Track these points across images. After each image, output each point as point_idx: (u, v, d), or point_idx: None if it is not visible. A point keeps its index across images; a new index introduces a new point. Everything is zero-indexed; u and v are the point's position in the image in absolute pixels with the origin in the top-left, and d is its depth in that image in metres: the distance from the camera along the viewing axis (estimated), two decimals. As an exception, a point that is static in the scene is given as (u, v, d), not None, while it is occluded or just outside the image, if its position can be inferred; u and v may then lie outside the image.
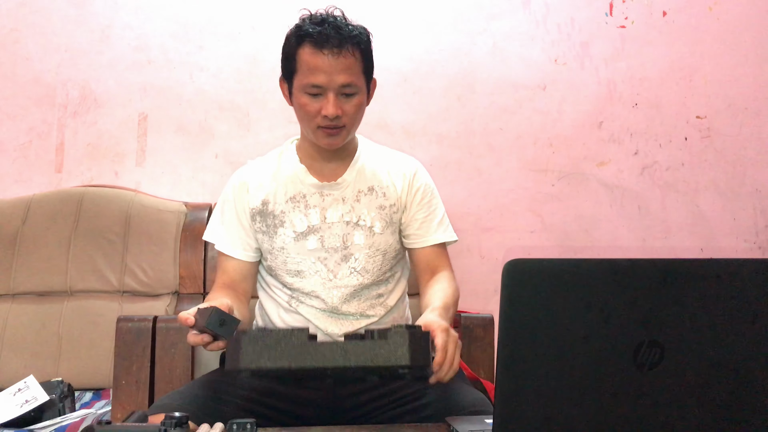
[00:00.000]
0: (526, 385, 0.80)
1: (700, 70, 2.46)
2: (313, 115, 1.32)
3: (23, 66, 2.19)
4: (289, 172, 1.42)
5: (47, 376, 1.69)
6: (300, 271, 1.38)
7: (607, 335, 0.80)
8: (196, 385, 1.25)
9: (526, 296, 0.79)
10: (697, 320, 0.82)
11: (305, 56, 1.31)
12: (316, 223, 1.39)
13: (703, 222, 2.44)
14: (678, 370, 0.82)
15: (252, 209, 1.41)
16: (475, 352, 1.59)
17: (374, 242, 1.40)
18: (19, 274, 1.91)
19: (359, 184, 1.42)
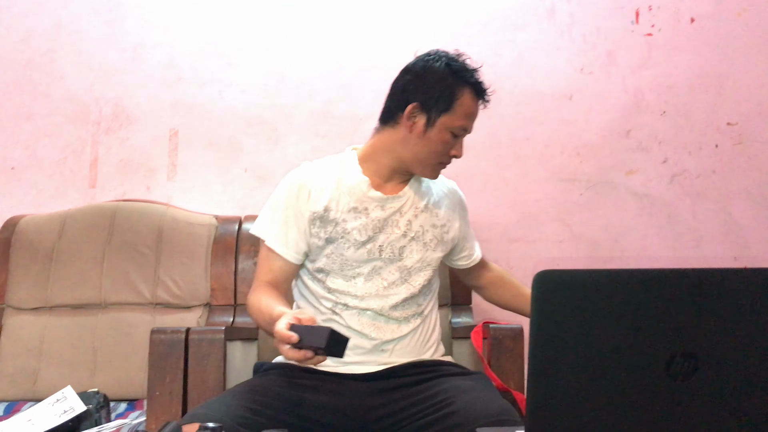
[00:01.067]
0: (557, 396, 0.80)
1: (730, 76, 2.43)
2: (444, 153, 1.43)
3: (58, 85, 2.25)
4: (352, 182, 1.44)
5: (83, 387, 1.72)
6: (355, 276, 1.41)
7: (639, 346, 0.79)
8: (230, 395, 1.26)
9: (556, 307, 0.79)
10: (731, 330, 0.81)
11: (467, 101, 1.41)
12: (375, 234, 1.42)
13: (736, 230, 2.40)
14: (712, 381, 0.81)
15: (313, 213, 1.42)
16: (504, 363, 1.58)
17: (426, 257, 1.46)
18: (55, 287, 1.95)
19: (417, 201, 1.48)
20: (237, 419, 1.17)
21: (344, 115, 2.31)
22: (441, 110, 1.39)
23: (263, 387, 1.31)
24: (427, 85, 1.40)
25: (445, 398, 1.27)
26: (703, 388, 0.81)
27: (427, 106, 1.40)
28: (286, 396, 1.29)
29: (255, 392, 1.28)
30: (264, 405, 1.24)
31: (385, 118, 1.46)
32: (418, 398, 1.31)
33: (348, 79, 2.32)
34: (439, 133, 1.40)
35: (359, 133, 2.30)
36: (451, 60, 1.42)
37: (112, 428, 1.52)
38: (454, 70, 1.41)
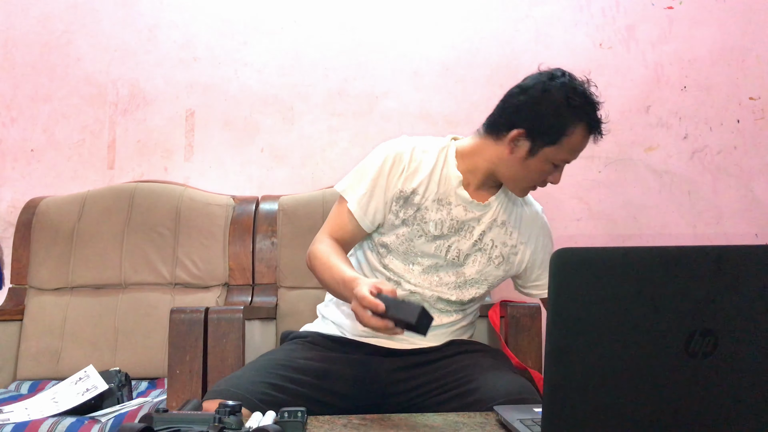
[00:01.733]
0: (575, 374, 0.80)
1: (752, 50, 2.38)
2: (538, 179, 1.39)
3: (75, 66, 2.26)
4: (445, 173, 1.41)
5: (105, 366, 1.75)
6: (414, 264, 1.41)
7: (658, 324, 0.79)
8: (254, 370, 1.27)
9: (575, 285, 0.78)
10: (751, 308, 0.80)
11: (577, 137, 1.35)
12: (449, 233, 1.41)
13: (757, 207, 2.37)
14: (732, 359, 0.80)
15: (400, 191, 1.40)
16: (522, 342, 1.58)
17: (488, 271, 1.45)
18: (76, 267, 1.98)
19: (498, 215, 1.44)
20: (259, 396, 1.18)
21: (360, 94, 2.30)
22: (546, 142, 1.34)
23: (288, 359, 1.32)
24: (539, 114, 1.34)
25: (465, 375, 1.28)
26: (722, 366, 0.80)
27: (532, 135, 1.34)
28: (311, 368, 1.30)
29: (279, 366, 1.29)
30: (288, 380, 1.25)
31: (491, 128, 1.41)
32: (439, 374, 1.32)
33: (364, 57, 2.30)
34: (539, 163, 1.36)
35: (375, 112, 2.30)
36: (572, 90, 1.34)
37: (134, 406, 1.54)
38: (572, 104, 1.33)
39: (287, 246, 1.99)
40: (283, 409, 1.01)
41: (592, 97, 1.37)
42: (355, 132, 2.29)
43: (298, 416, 1.00)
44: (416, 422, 1.05)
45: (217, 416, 0.85)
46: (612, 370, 0.80)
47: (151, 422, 0.82)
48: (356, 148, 2.28)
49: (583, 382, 0.80)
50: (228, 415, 0.87)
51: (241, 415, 0.88)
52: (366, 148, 2.27)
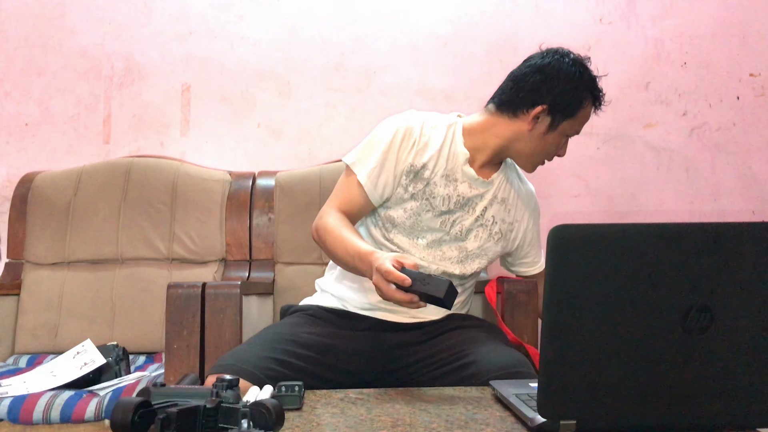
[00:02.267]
0: (571, 349, 0.80)
1: (753, 25, 2.36)
2: (551, 152, 1.46)
3: (69, 40, 2.23)
4: (453, 149, 1.43)
5: (103, 340, 1.75)
6: (419, 239, 1.43)
7: (654, 300, 0.79)
8: (258, 345, 1.28)
9: (572, 261, 0.78)
10: (747, 284, 0.80)
11: (588, 109, 1.44)
12: (455, 208, 1.43)
13: (754, 184, 2.37)
14: (728, 334, 0.81)
15: (411, 165, 1.41)
16: (518, 318, 1.59)
17: (488, 246, 1.47)
18: (73, 242, 1.98)
19: (500, 192, 1.48)
20: (264, 371, 1.19)
21: (358, 69, 2.28)
22: (566, 116, 1.41)
23: (292, 334, 1.33)
24: (558, 89, 1.40)
25: (462, 349, 1.30)
26: (718, 341, 0.80)
27: (554, 110, 1.40)
28: (314, 343, 1.31)
29: (284, 341, 1.30)
30: (292, 355, 1.26)
31: (505, 106, 1.43)
32: (436, 349, 1.34)
33: (361, 31, 2.28)
34: (557, 136, 1.43)
35: (373, 86, 2.28)
36: (582, 66, 1.43)
37: (132, 380, 1.55)
38: (585, 78, 1.42)
39: (284, 222, 1.99)
40: (281, 383, 1.01)
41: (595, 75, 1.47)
42: (353, 107, 2.27)
43: (296, 390, 1.00)
44: (412, 397, 1.06)
45: (215, 390, 0.85)
46: (608, 346, 0.80)
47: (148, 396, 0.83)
48: (353, 123, 2.27)
49: (579, 357, 0.81)
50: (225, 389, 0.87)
51: (239, 389, 0.89)
52: (363, 124, 2.26)
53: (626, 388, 0.82)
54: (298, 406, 0.99)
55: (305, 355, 1.28)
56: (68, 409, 1.41)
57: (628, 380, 0.82)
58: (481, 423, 0.91)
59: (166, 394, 0.84)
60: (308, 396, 1.05)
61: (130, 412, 0.77)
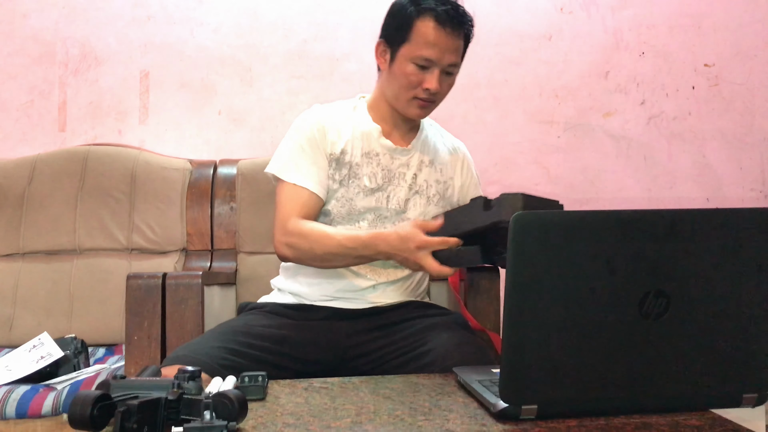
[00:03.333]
0: (532, 335, 0.82)
1: (708, 16, 2.41)
2: (413, 86, 1.36)
3: (21, 23, 2.16)
4: (364, 128, 1.44)
5: (60, 333, 1.71)
6: (360, 221, 1.42)
7: (612, 286, 0.81)
8: (212, 337, 1.27)
9: (532, 249, 0.79)
10: (702, 270, 0.82)
11: (424, 29, 1.33)
12: (384, 183, 1.42)
13: (709, 172, 2.43)
14: (684, 319, 0.83)
15: (330, 154, 1.41)
16: (481, 304, 1.60)
17: (429, 211, 1.46)
18: (27, 233, 1.92)
19: (424, 155, 1.48)
20: (219, 360, 1.18)
21: (321, 56, 2.26)
22: (399, 41, 1.36)
23: (246, 326, 1.32)
24: (389, 18, 1.40)
25: (422, 337, 1.31)
26: (674, 326, 0.83)
27: (389, 40, 1.38)
28: (268, 335, 1.31)
29: (237, 333, 1.29)
30: (246, 345, 1.25)
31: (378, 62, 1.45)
32: (396, 337, 1.34)
33: (324, 18, 2.26)
34: (400, 65, 1.36)
35: (336, 74, 2.26)
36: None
37: (91, 373, 1.52)
38: (416, 1, 1.35)
39: (246, 211, 1.96)
40: (244, 373, 1.01)
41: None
42: (316, 95, 2.25)
43: (259, 380, 1.00)
44: (377, 385, 1.06)
45: (176, 382, 0.84)
46: (568, 331, 0.82)
47: (108, 389, 0.81)
48: (316, 111, 2.25)
49: (540, 342, 0.82)
50: (187, 380, 0.86)
51: (201, 380, 0.88)
52: (326, 112, 2.24)
53: (586, 372, 0.84)
54: (262, 396, 0.98)
55: (260, 345, 1.27)
56: (24, 404, 1.38)
57: (587, 364, 0.83)
58: (445, 409, 0.92)
59: (126, 386, 0.82)
60: (272, 386, 1.05)
61: (89, 405, 0.76)
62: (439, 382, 1.07)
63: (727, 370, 0.86)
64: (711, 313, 0.83)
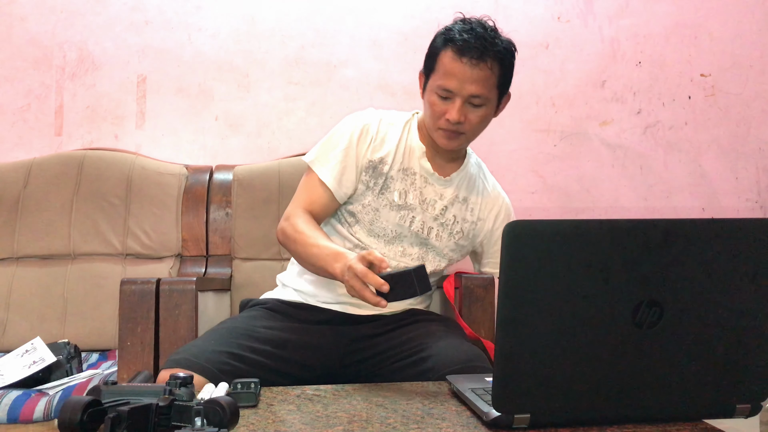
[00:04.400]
0: (525, 343, 0.81)
1: (705, 27, 2.42)
2: (438, 116, 1.37)
3: (19, 27, 2.16)
4: (410, 144, 1.45)
5: (53, 338, 1.71)
6: (380, 235, 1.43)
7: (606, 295, 0.80)
8: (213, 340, 1.26)
9: (526, 257, 0.79)
10: (696, 280, 0.82)
11: (445, 60, 1.35)
12: (413, 204, 1.43)
13: (705, 182, 2.43)
14: (677, 329, 0.82)
15: (370, 161, 1.42)
16: (475, 312, 1.60)
17: (447, 245, 1.48)
18: (22, 237, 1.92)
19: (460, 190, 1.48)
20: (219, 365, 1.18)
21: (318, 62, 2.26)
22: (429, 71, 1.39)
23: (249, 328, 1.32)
24: (428, 51, 1.42)
25: (419, 343, 1.30)
26: (667, 336, 0.82)
27: (425, 69, 1.42)
28: (270, 337, 1.30)
29: (240, 335, 1.28)
30: (246, 349, 1.25)
31: None
32: (394, 343, 1.34)
33: (322, 25, 2.26)
34: (428, 95, 1.39)
35: (333, 81, 2.26)
36: (456, 21, 1.40)
37: (83, 378, 1.52)
38: (444, 30, 1.38)
39: (242, 217, 1.96)
40: (236, 380, 1.00)
41: (468, 25, 1.38)
42: (312, 101, 2.25)
43: (251, 387, 0.99)
44: (369, 392, 1.05)
45: (168, 388, 0.84)
46: (561, 340, 0.81)
47: (99, 395, 0.81)
48: (313, 117, 2.25)
49: (533, 351, 0.82)
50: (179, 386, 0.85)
51: (193, 386, 0.87)
52: (323, 118, 2.25)
53: (579, 381, 0.83)
54: (254, 403, 0.98)
55: (261, 349, 1.27)
56: (16, 409, 1.37)
57: (580, 373, 0.83)
58: (437, 418, 0.92)
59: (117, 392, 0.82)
60: (264, 393, 1.05)
61: (78, 411, 0.75)
62: (433, 390, 1.07)
63: (720, 381, 0.86)
64: (704, 323, 0.83)
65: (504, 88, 1.41)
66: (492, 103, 1.39)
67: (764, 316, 0.84)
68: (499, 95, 1.41)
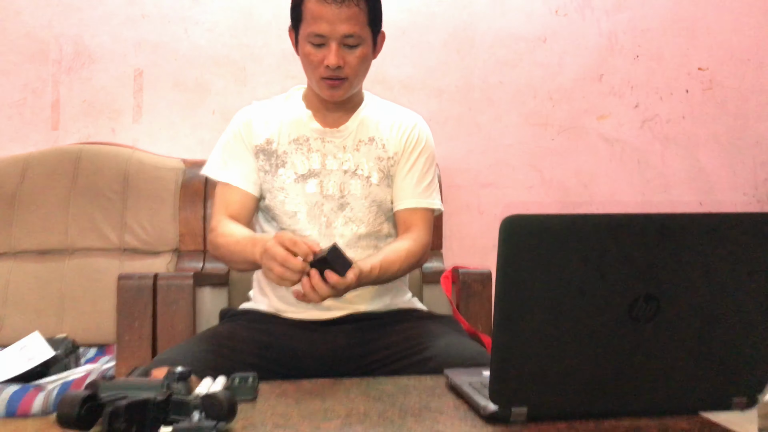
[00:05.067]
0: (522, 338, 0.81)
1: (702, 20, 2.42)
2: (316, 65, 1.32)
3: (14, 21, 2.15)
4: (294, 115, 1.42)
5: (51, 333, 1.70)
6: (296, 212, 1.38)
7: (603, 290, 0.81)
8: (198, 340, 1.26)
9: (523, 251, 0.79)
10: (693, 274, 0.82)
11: (310, 5, 1.29)
12: (317, 168, 1.39)
13: (702, 176, 2.44)
14: (673, 323, 0.83)
15: (256, 146, 1.40)
16: (473, 307, 1.60)
17: (371, 192, 1.40)
18: (19, 232, 1.91)
19: (360, 134, 1.42)
20: (205, 363, 1.17)
21: (315, 57, 2.25)
22: (297, 24, 1.34)
23: (231, 332, 1.31)
24: (291, 3, 1.36)
25: (419, 343, 1.27)
26: (664, 330, 0.83)
27: (293, 23, 1.37)
28: (255, 340, 1.29)
29: (222, 337, 1.27)
30: (232, 349, 1.24)
31: None
32: (389, 341, 1.30)
33: (318, 19, 2.25)
34: (302, 47, 1.34)
35: (330, 75, 2.26)
36: None
37: (81, 373, 1.52)
38: None
39: (240, 211, 1.96)
40: (234, 374, 1.00)
41: None
42: (310, 95, 2.25)
43: (249, 381, 0.99)
44: (367, 386, 1.06)
45: (166, 382, 0.84)
46: (558, 334, 0.82)
47: (97, 389, 0.81)
48: (311, 112, 2.24)
49: (530, 345, 0.82)
50: (177, 381, 0.86)
51: (191, 381, 0.87)
52: (321, 112, 2.24)
53: (576, 375, 0.84)
54: (252, 397, 0.98)
55: (247, 349, 1.25)
56: (14, 403, 1.37)
57: (577, 367, 0.83)
58: (435, 411, 0.92)
59: (115, 387, 0.82)
60: (262, 387, 1.04)
61: (76, 405, 0.75)
62: (430, 384, 1.07)
63: (716, 374, 0.86)
64: (701, 317, 0.84)
65: (376, 25, 1.36)
66: (367, 42, 1.34)
67: (761, 309, 0.84)
68: (373, 33, 1.35)
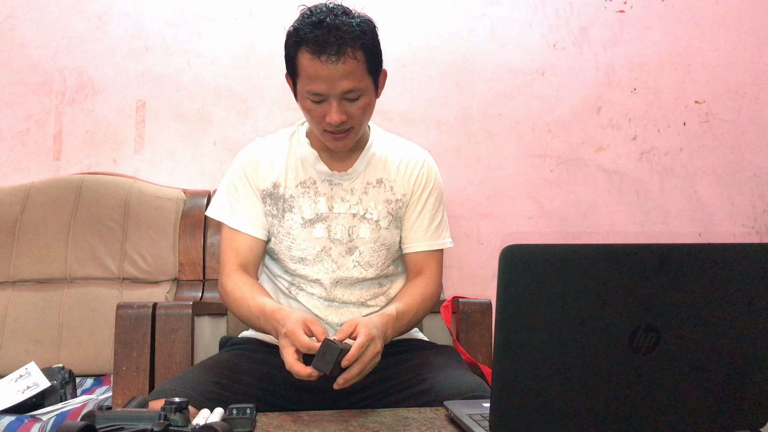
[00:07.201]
0: (522, 369, 0.81)
1: (699, 54, 2.45)
2: (318, 120, 1.28)
3: (19, 53, 2.18)
4: (300, 155, 1.38)
5: (48, 362, 1.70)
6: (304, 258, 1.36)
7: (603, 320, 0.80)
8: (197, 371, 1.25)
9: (522, 282, 0.79)
10: (693, 305, 0.82)
11: (304, 63, 1.23)
12: (324, 212, 1.35)
13: (701, 207, 2.44)
14: (674, 354, 0.82)
15: (263, 190, 1.36)
16: (473, 338, 1.60)
17: (380, 236, 1.37)
18: (19, 261, 1.91)
19: (368, 176, 1.39)
20: (205, 394, 1.15)
21: (315, 89, 2.28)
22: (294, 77, 1.29)
23: (231, 362, 1.29)
24: (285, 54, 1.29)
25: (418, 374, 1.26)
26: (664, 360, 0.82)
27: (289, 74, 1.31)
28: (255, 371, 1.27)
29: (222, 367, 1.26)
30: (232, 380, 1.23)
31: None
32: (388, 374, 1.29)
33: (319, 52, 2.28)
34: (301, 101, 1.29)
35: (331, 106, 2.28)
36: (297, 21, 1.25)
37: (77, 404, 1.50)
38: (291, 31, 1.25)
39: (240, 241, 1.96)
40: (232, 405, 0.99)
41: (316, 17, 1.23)
42: (311, 127, 2.27)
43: (247, 413, 0.98)
44: (366, 418, 1.05)
45: (163, 413, 0.83)
46: (558, 365, 0.81)
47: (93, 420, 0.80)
48: (311, 143, 2.26)
49: (531, 376, 0.81)
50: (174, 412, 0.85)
51: (188, 412, 0.87)
52: (321, 143, 2.26)
53: (577, 406, 0.83)
54: (250, 429, 0.97)
55: (247, 380, 1.24)
56: (9, 435, 1.36)
57: (578, 399, 0.83)
58: (435, 444, 0.91)
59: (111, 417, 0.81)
60: (260, 419, 1.04)
61: (72, 436, 0.74)
62: (430, 417, 1.06)
63: (718, 406, 0.86)
64: (702, 348, 0.83)
65: (376, 70, 1.30)
66: (369, 90, 1.28)
67: (761, 341, 0.84)
68: (373, 79, 1.29)
